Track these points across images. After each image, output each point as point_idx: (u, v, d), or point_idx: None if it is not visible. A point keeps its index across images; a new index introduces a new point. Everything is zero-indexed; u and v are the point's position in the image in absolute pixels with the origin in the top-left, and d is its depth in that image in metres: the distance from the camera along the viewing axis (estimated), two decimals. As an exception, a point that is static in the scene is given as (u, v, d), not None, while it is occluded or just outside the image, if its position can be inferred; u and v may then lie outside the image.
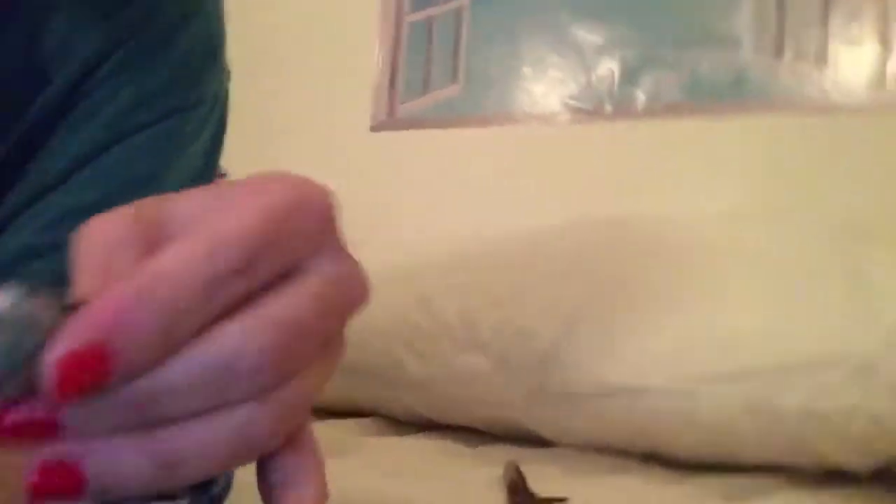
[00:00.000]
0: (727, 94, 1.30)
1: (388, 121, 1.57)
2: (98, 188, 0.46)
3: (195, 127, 0.50)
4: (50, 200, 0.46)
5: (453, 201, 1.47)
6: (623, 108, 1.39)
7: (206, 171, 0.52)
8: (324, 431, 0.95)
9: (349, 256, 0.24)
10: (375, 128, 1.58)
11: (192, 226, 0.22)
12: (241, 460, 0.22)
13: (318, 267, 0.23)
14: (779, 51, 1.27)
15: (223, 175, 1.62)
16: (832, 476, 0.78)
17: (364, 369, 0.98)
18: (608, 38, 1.41)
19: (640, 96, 1.38)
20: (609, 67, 1.42)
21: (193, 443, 0.21)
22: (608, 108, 1.40)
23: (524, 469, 0.76)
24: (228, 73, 0.54)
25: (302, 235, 0.23)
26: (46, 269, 0.40)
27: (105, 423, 0.21)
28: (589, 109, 1.42)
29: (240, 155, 1.65)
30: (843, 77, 1.22)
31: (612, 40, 1.41)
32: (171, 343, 0.21)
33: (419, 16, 1.56)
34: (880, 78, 1.20)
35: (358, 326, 0.89)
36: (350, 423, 1.00)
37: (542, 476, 0.78)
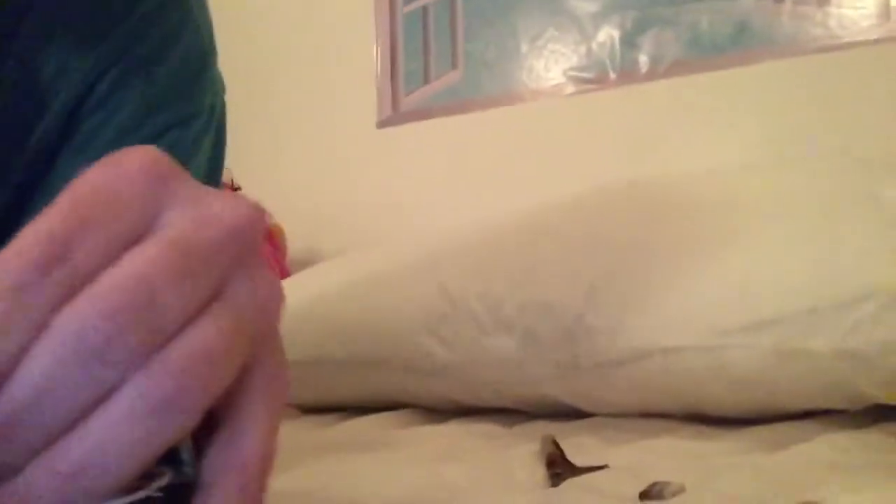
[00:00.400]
0: (730, 46, 1.28)
1: (394, 116, 1.57)
2: None
3: (194, 140, 0.50)
4: None
5: (467, 187, 1.47)
6: (627, 73, 1.38)
7: (210, 183, 0.52)
8: (359, 426, 0.96)
9: (207, 196, 0.23)
10: (381, 124, 1.58)
11: None
12: (160, 439, 0.20)
13: (169, 220, 0.22)
14: (779, -5, 1.25)
15: (237, 190, 1.63)
16: (870, 413, 0.77)
17: (393, 362, 0.99)
18: (604, 4, 1.40)
19: (643, 59, 1.36)
20: (608, 34, 1.41)
21: (91, 441, 0.20)
22: (612, 74, 1.39)
23: (562, 442, 0.76)
24: (223, 85, 0.54)
25: (126, 202, 0.22)
26: None
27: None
28: (592, 78, 1.41)
29: (251, 165, 1.67)
30: (846, 13, 1.20)
31: (609, 6, 1.39)
32: None
33: (413, 6, 1.56)
34: (885, 10, 1.17)
35: (383, 320, 0.89)
36: (385, 415, 1.00)
37: (582, 447, 0.78)
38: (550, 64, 1.45)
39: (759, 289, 0.81)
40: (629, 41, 1.38)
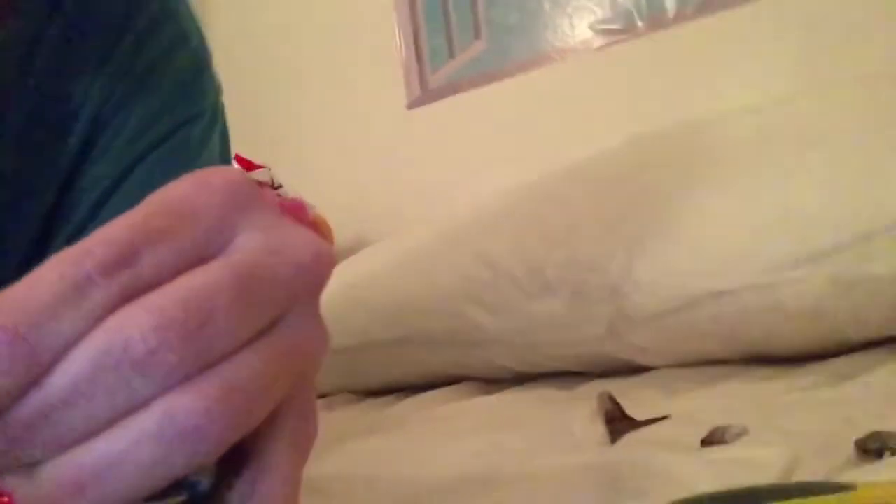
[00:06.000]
0: (760, -22, 1.24)
1: (423, 95, 1.56)
2: (123, 211, 0.49)
3: (202, 134, 0.53)
4: (84, 232, 0.49)
5: (504, 157, 1.45)
6: (655, 20, 1.34)
7: None
8: (416, 404, 0.96)
9: (283, 227, 0.23)
10: (412, 104, 1.57)
11: None
12: (179, 465, 0.20)
13: (241, 244, 0.22)
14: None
15: (279, 187, 1.64)
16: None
17: (442, 337, 0.98)
18: (624, -48, 1.36)
19: (669, 3, 1.33)
20: (633, -19, 1.37)
21: (108, 453, 0.19)
22: (639, 23, 1.36)
23: (622, 398, 0.75)
24: (220, 86, 0.57)
25: (202, 220, 0.22)
26: None
27: (17, 453, 0.20)
28: (620, 29, 1.38)
29: (286, 159, 1.68)
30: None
31: (630, -47, 1.36)
32: (36, 355, 0.19)
33: (432, -19, 1.54)
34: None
35: (426, 296, 0.89)
36: (442, 391, 1.00)
37: (642, 401, 0.77)
38: (575, 20, 1.42)
39: (808, 219, 0.78)
40: (655, -14, 1.34)
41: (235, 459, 0.22)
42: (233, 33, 1.73)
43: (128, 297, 0.20)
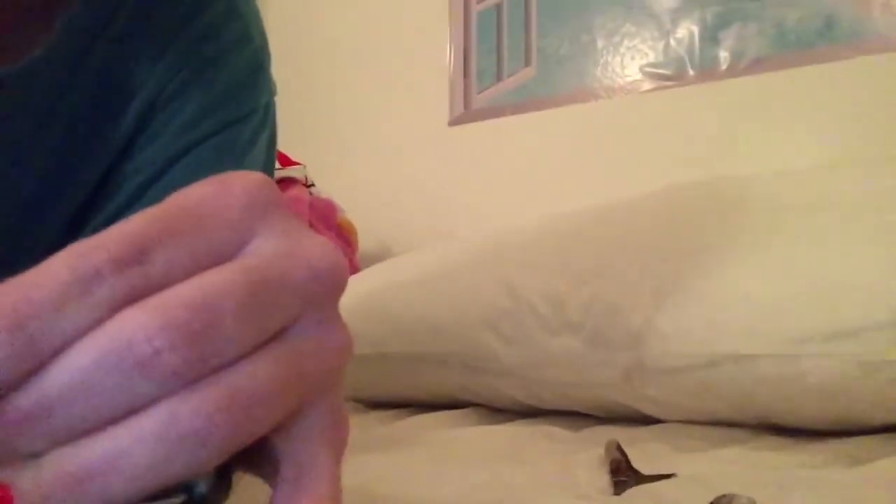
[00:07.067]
0: (817, 41, 1.23)
1: (466, 113, 1.57)
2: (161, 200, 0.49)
3: (251, 134, 0.54)
4: (121, 218, 0.49)
5: (539, 186, 1.45)
6: (706, 70, 1.34)
7: (266, 173, 0.56)
8: (421, 423, 0.96)
9: (300, 232, 0.23)
10: (453, 122, 1.58)
11: None
12: (179, 469, 0.20)
13: (255, 248, 0.22)
14: (870, -11, 1.20)
15: (311, 187, 1.64)
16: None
17: (455, 360, 0.98)
18: (684, -1, 1.36)
19: (723, 54, 1.32)
20: (688, 29, 1.37)
21: (108, 450, 0.19)
22: (691, 70, 1.36)
23: (628, 448, 0.74)
24: (275, 87, 0.58)
25: (218, 222, 0.22)
26: None
27: (15, 444, 0.20)
28: (670, 75, 1.37)
29: (324, 162, 1.68)
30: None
31: (690, 0, 1.36)
32: (36, 346, 0.19)
33: (487, 3, 1.55)
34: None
35: (445, 316, 0.88)
36: (448, 413, 0.99)
37: (650, 454, 0.76)
38: (626, 60, 1.43)
39: (841, 295, 0.77)
40: (710, 37, 1.34)
41: (266, 464, 0.22)
42: (287, 32, 1.74)
43: (136, 295, 0.20)
